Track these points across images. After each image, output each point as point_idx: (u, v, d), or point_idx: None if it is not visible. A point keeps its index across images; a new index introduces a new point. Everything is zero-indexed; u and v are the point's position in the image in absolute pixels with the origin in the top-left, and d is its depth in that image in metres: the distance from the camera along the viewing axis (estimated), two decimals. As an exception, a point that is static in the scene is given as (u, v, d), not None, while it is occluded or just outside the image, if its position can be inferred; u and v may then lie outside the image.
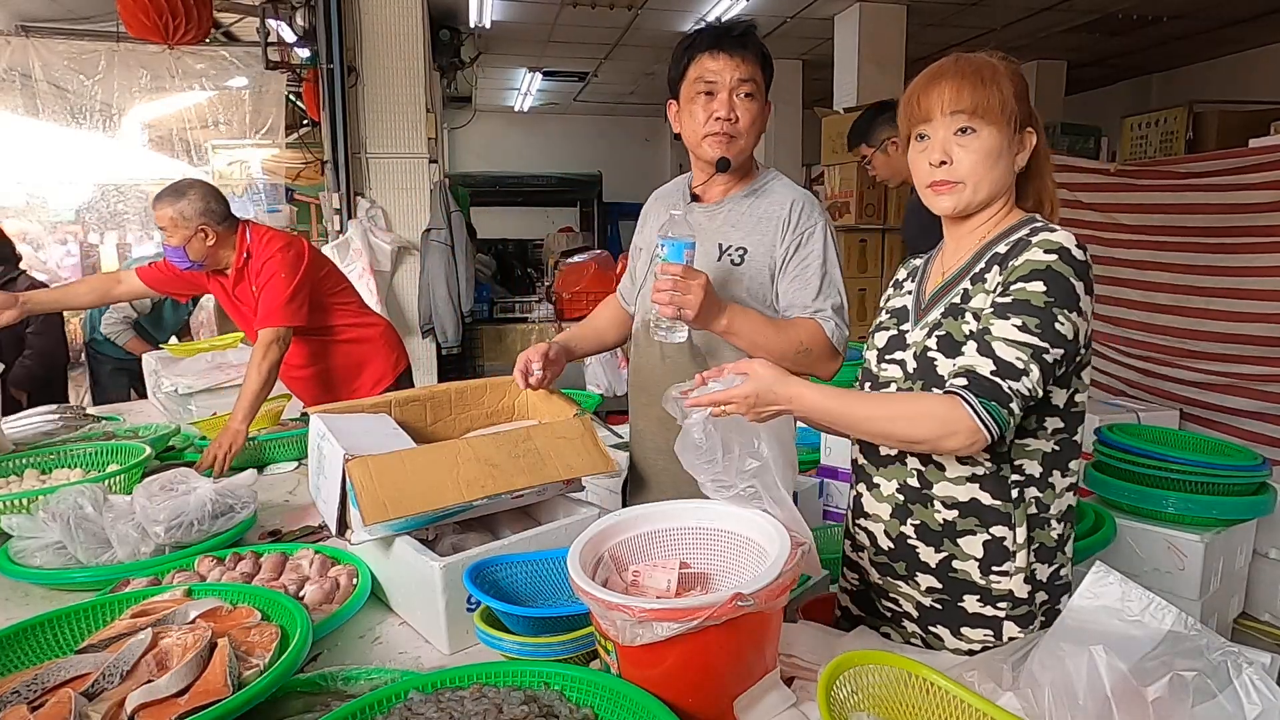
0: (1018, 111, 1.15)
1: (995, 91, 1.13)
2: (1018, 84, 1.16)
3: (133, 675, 0.96)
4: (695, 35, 1.59)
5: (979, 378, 1.06)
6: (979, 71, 1.15)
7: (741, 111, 1.56)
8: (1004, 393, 1.05)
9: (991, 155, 1.15)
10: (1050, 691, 0.87)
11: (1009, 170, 1.18)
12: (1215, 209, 3.80)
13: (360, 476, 1.21)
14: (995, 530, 1.17)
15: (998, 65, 1.16)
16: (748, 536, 1.07)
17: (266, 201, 5.04)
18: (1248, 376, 3.83)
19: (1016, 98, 1.15)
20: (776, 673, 0.97)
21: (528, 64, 8.51)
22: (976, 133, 1.14)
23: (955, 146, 1.16)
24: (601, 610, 0.90)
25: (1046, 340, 1.06)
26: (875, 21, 6.35)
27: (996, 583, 1.17)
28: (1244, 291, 3.81)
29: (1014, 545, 1.16)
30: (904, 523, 1.22)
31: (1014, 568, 1.16)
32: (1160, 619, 0.92)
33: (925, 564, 1.20)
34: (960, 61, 1.17)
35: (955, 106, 1.14)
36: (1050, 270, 1.08)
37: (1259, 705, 0.82)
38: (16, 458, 1.91)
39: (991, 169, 1.16)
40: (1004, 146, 1.15)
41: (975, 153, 1.15)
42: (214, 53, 4.97)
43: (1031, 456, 1.16)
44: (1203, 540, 2.30)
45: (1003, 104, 1.14)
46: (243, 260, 2.46)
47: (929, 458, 1.18)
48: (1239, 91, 6.91)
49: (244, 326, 2.62)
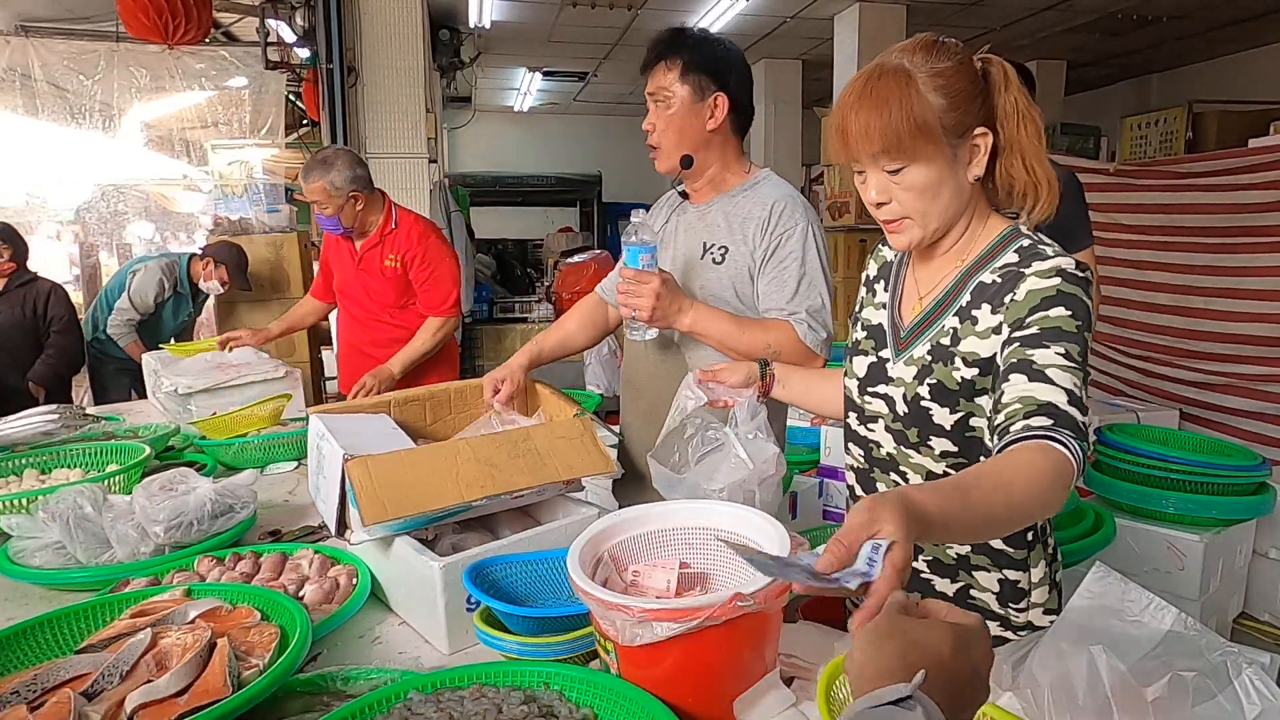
0: (950, 125, 1.02)
1: (906, 120, 1.00)
2: (948, 86, 1.02)
3: (132, 675, 0.96)
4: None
5: (1061, 413, 0.93)
6: (886, 101, 1.01)
7: (655, 120, 1.64)
8: (1081, 428, 0.93)
9: (929, 189, 1.04)
10: (1050, 691, 0.87)
11: (957, 192, 1.07)
12: (1215, 209, 3.81)
13: (359, 477, 1.21)
14: (1009, 573, 1.15)
15: (912, 76, 1.02)
16: (748, 536, 1.07)
17: (266, 201, 5.04)
18: (1247, 376, 3.84)
19: (952, 105, 1.02)
20: (776, 673, 0.97)
21: (528, 64, 8.51)
22: (905, 169, 1.03)
23: (890, 184, 1.05)
24: (601, 610, 0.90)
25: (1086, 366, 0.99)
26: (875, 21, 6.35)
27: (1015, 616, 1.16)
28: (1244, 291, 3.81)
29: (1028, 585, 1.15)
30: (915, 559, 1.11)
31: (1030, 604, 1.16)
32: (1160, 619, 0.92)
33: (942, 593, 1.18)
34: (865, 92, 1.03)
35: (872, 149, 1.03)
36: (1061, 294, 1.00)
37: (1259, 705, 0.82)
38: (16, 458, 1.91)
39: (934, 201, 1.05)
40: (942, 173, 1.04)
41: (908, 190, 1.05)
42: (214, 53, 4.97)
43: None
44: (1202, 540, 2.30)
45: (922, 128, 1.00)
46: (389, 228, 2.67)
47: None
48: (1239, 91, 6.91)
49: (346, 289, 2.81)
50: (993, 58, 1.07)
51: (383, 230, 2.68)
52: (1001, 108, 1.06)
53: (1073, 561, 2.16)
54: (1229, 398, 3.89)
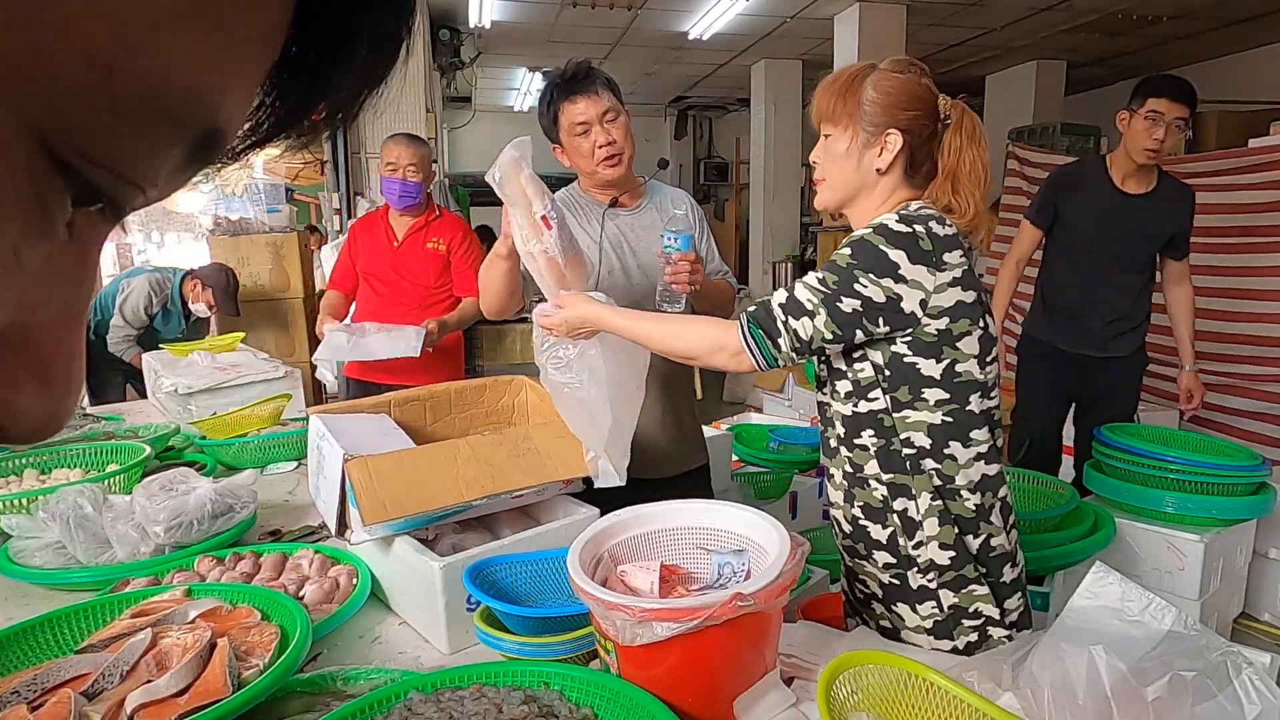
0: (876, 113, 1.25)
1: (840, 99, 1.27)
2: (889, 90, 1.25)
3: (132, 675, 0.96)
4: (551, 89, 1.89)
5: (763, 306, 1.25)
6: (840, 83, 1.28)
7: (615, 134, 1.88)
8: (777, 327, 1.22)
9: (838, 156, 1.29)
10: (1050, 691, 0.87)
11: (859, 169, 1.28)
12: (1215, 209, 3.80)
13: (359, 477, 1.21)
14: (897, 503, 1.25)
15: (866, 75, 1.27)
16: (748, 536, 1.07)
17: (266, 201, 5.04)
18: (1247, 376, 3.84)
19: (883, 102, 1.24)
20: (776, 673, 0.97)
21: (528, 64, 8.51)
22: (830, 136, 1.30)
23: (822, 149, 1.32)
24: (601, 610, 0.90)
25: (842, 293, 1.18)
26: (875, 21, 6.34)
27: (918, 554, 1.24)
28: (1244, 291, 3.81)
29: (919, 514, 1.24)
30: (853, 505, 1.31)
31: (925, 536, 1.24)
32: (1160, 619, 0.92)
33: (877, 541, 1.29)
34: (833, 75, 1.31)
35: (816, 117, 1.32)
36: (861, 240, 1.21)
37: (1259, 705, 0.82)
38: (16, 458, 1.91)
39: (839, 169, 1.30)
40: (850, 147, 1.28)
41: (827, 155, 1.31)
42: (214, 52, 4.97)
43: (915, 429, 1.24)
44: (1202, 540, 2.29)
45: (853, 109, 1.26)
46: (434, 215, 2.96)
47: (853, 443, 1.29)
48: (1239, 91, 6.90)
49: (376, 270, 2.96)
50: (960, 104, 1.28)
51: (428, 216, 2.97)
52: (948, 141, 1.27)
53: (1073, 561, 2.15)
54: (1229, 398, 3.88)
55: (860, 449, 1.28)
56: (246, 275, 4.80)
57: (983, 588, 1.24)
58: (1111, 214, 2.70)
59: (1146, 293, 2.82)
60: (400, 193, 2.88)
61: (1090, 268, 2.77)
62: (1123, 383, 2.87)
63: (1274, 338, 3.72)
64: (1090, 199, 2.74)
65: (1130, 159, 2.66)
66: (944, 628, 1.25)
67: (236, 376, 2.66)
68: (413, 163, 2.86)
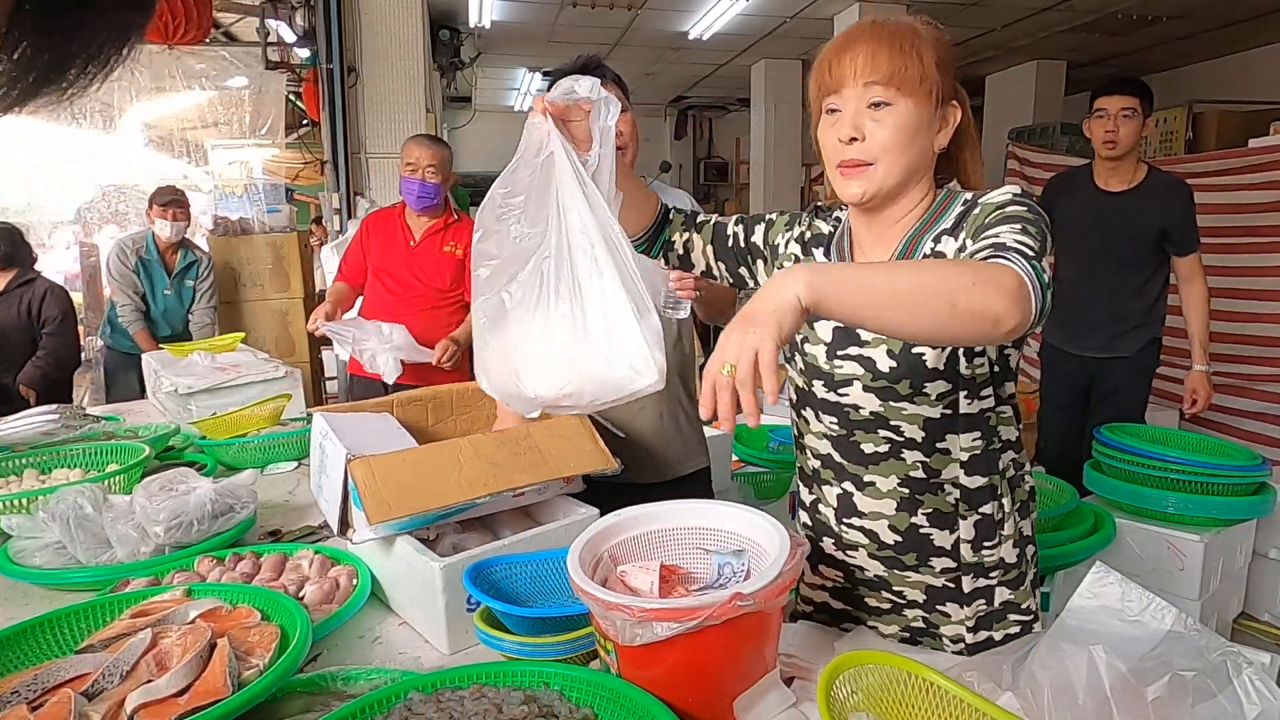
0: (940, 84, 1.04)
1: (914, 60, 1.02)
2: (942, 52, 1.05)
3: (132, 675, 0.96)
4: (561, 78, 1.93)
5: (1011, 248, 0.91)
6: (897, 37, 1.03)
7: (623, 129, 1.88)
8: (1037, 264, 0.89)
9: (908, 132, 1.03)
10: (1050, 691, 0.87)
11: (927, 150, 1.07)
12: (1215, 209, 3.81)
13: (363, 476, 1.21)
14: (984, 507, 1.15)
15: (919, 30, 1.05)
16: (748, 536, 1.07)
17: (266, 201, 5.03)
18: (1248, 376, 3.84)
19: (940, 68, 1.04)
20: (776, 673, 0.97)
21: (528, 64, 8.51)
22: (892, 106, 1.03)
23: (868, 121, 1.04)
24: (601, 610, 0.90)
25: (1046, 246, 0.96)
26: (875, 21, 6.34)
27: (989, 555, 1.16)
28: (1244, 291, 3.81)
29: (1002, 514, 1.15)
30: (914, 514, 1.15)
31: (1003, 535, 1.16)
32: (1160, 619, 0.92)
33: (940, 548, 1.16)
34: (877, 26, 1.05)
35: (869, 76, 1.02)
36: (1015, 200, 1.02)
37: (1258, 705, 0.82)
38: (16, 458, 1.91)
39: (907, 148, 1.04)
40: (923, 122, 1.04)
41: (890, 128, 1.03)
42: (214, 53, 4.97)
43: (1007, 424, 1.15)
44: (1202, 540, 2.29)
45: (922, 74, 1.02)
46: (453, 218, 3.01)
47: (933, 448, 1.12)
48: (1239, 91, 6.91)
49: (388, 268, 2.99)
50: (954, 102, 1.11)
51: (447, 219, 3.01)
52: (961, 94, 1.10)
53: (1073, 561, 2.15)
54: (1229, 398, 3.88)
55: (942, 453, 1.12)
56: (247, 275, 4.80)
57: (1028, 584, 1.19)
58: (1094, 212, 2.82)
59: (1151, 291, 2.84)
60: (419, 193, 2.89)
61: (1085, 268, 2.85)
62: (1128, 382, 2.89)
63: (1274, 338, 3.72)
64: (1077, 199, 2.87)
65: (1101, 159, 2.82)
66: (987, 620, 1.18)
67: (236, 376, 2.66)
68: (432, 164, 2.87)
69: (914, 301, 0.84)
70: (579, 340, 0.99)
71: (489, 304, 1.06)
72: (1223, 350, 3.86)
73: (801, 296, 0.83)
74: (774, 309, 0.83)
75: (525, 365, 1.02)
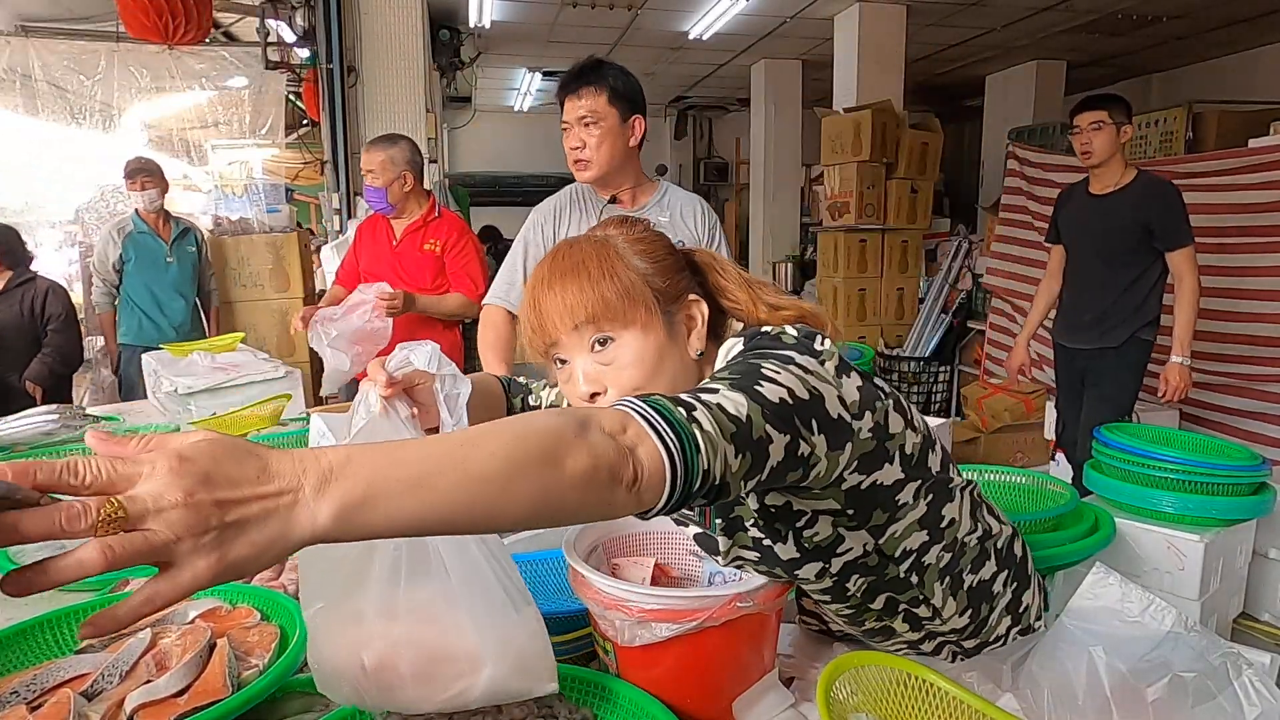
0: (663, 284, 0.93)
1: (610, 278, 0.90)
2: (652, 250, 0.95)
3: (132, 675, 0.96)
4: (560, 82, 1.94)
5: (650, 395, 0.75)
6: (581, 265, 0.91)
7: (587, 139, 1.90)
8: (670, 404, 0.74)
9: (646, 358, 0.90)
10: (1049, 692, 0.87)
11: (681, 360, 0.94)
12: (1215, 209, 3.81)
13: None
14: (919, 609, 1.00)
15: (608, 244, 0.94)
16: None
17: (266, 201, 5.04)
18: (1248, 376, 3.84)
19: (657, 269, 0.93)
20: (775, 673, 0.97)
21: (528, 64, 8.51)
22: (616, 340, 0.91)
23: (596, 365, 0.91)
24: (600, 610, 0.90)
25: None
26: (875, 21, 6.34)
27: (944, 626, 1.03)
28: (1244, 291, 3.81)
29: (939, 602, 0.99)
30: (860, 627, 1.04)
31: (946, 614, 1.01)
32: (1160, 619, 0.92)
33: (897, 631, 1.03)
34: (556, 258, 0.94)
35: (574, 319, 0.90)
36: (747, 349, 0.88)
37: (1258, 706, 0.82)
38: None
39: (656, 372, 0.91)
40: (660, 341, 0.91)
41: (625, 368, 0.90)
42: (214, 53, 4.97)
43: (907, 534, 0.94)
44: (1202, 540, 2.29)
45: (629, 289, 0.90)
46: (432, 215, 2.97)
47: (844, 592, 0.97)
48: (1239, 91, 6.91)
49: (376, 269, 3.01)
50: (695, 250, 1.03)
51: (426, 217, 2.98)
52: (715, 284, 1.00)
53: (1073, 561, 2.15)
54: (1229, 398, 3.89)
55: (851, 595, 0.98)
56: (247, 275, 4.80)
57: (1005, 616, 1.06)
58: (1083, 214, 3.12)
59: (1140, 288, 3.01)
60: (369, 198, 2.92)
61: (1078, 267, 3.16)
62: (1113, 371, 3.08)
63: (1274, 338, 3.72)
64: (1073, 206, 3.20)
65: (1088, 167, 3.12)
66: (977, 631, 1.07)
67: (236, 376, 2.66)
68: (372, 168, 2.86)
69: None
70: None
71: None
72: (1223, 350, 3.86)
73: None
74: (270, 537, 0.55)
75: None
